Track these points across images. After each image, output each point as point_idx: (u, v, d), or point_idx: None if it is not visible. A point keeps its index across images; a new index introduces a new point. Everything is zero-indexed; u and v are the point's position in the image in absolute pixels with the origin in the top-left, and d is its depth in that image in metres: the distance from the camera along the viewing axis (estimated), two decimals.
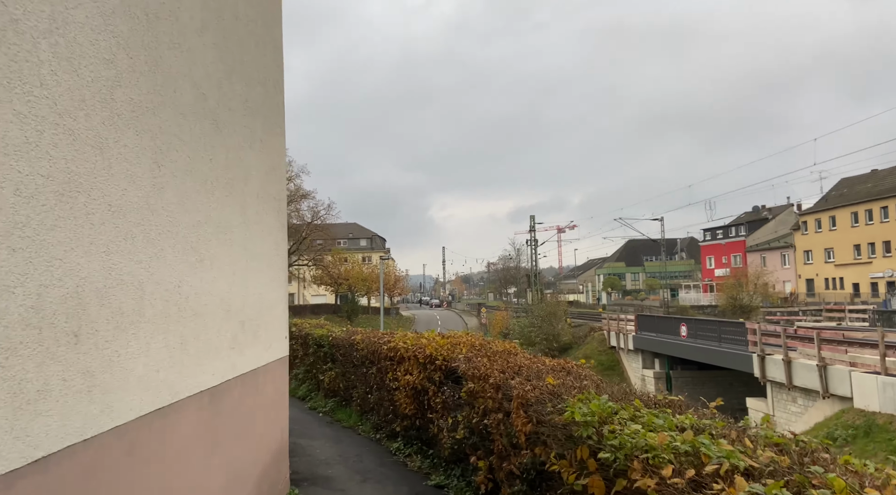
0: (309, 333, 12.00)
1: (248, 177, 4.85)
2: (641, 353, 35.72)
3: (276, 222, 5.91)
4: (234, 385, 4.41)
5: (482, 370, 5.60)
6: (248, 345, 4.74)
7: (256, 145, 5.13)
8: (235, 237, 4.48)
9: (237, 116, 4.56)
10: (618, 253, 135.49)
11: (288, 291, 6.21)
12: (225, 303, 4.20)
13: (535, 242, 61.12)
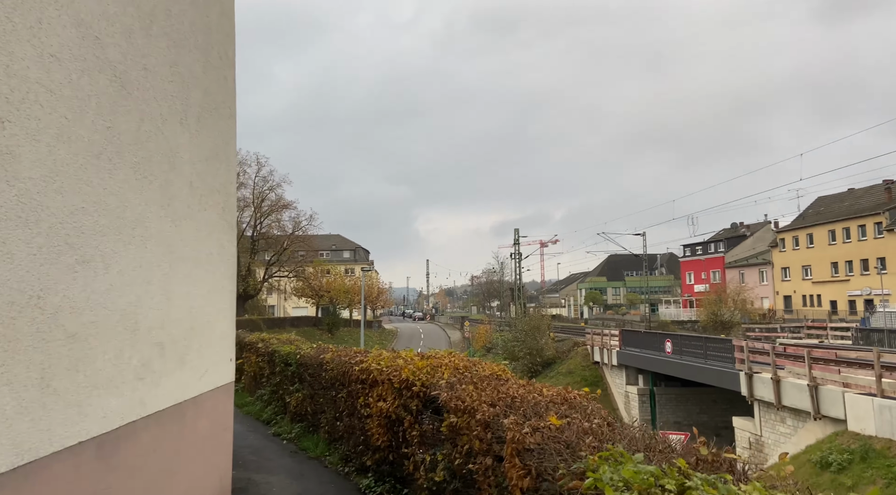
0: (276, 350, 10.91)
1: (174, 160, 3.84)
2: (625, 369, 34.95)
3: (221, 220, 4.90)
4: (144, 426, 3.38)
5: (467, 401, 4.62)
6: (167, 373, 3.71)
7: (190, 123, 4.13)
8: (151, 234, 3.47)
9: (157, 80, 3.56)
10: (599, 267, 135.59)
11: (235, 303, 5.18)
12: (129, 320, 3.18)
13: (519, 256, 60.40)
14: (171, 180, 3.78)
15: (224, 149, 4.94)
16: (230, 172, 5.10)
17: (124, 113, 3.17)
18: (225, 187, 4.97)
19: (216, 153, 4.71)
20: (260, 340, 12.10)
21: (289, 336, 12.59)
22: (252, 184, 59.84)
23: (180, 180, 3.94)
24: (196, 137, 4.24)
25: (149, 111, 3.46)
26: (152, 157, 3.51)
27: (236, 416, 11.50)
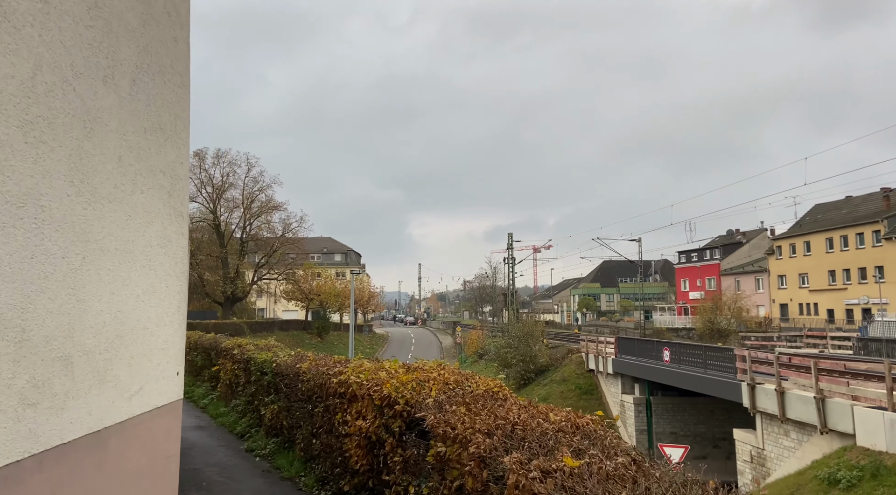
0: (251, 357, 10.09)
1: (93, 126, 3.05)
2: (621, 378, 34.21)
3: (166, 207, 4.10)
4: (36, 466, 2.57)
5: (458, 428, 3.83)
6: (78, 394, 2.91)
7: (120, 84, 3.34)
8: (51, 216, 2.67)
9: (65, 20, 2.77)
10: (593, 273, 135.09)
11: (185, 306, 4.38)
12: (10, 328, 2.38)
13: (512, 260, 59.67)
14: (86, 150, 2.98)
15: (172, 123, 4.14)
16: (180, 152, 4.30)
17: (8, 52, 2.38)
18: (172, 168, 4.17)
19: (160, 126, 3.91)
20: (236, 346, 11.27)
21: (267, 341, 11.76)
22: (242, 184, 58.98)
23: (102, 153, 3.15)
24: (129, 103, 3.45)
25: (50, 58, 2.67)
26: (55, 119, 2.72)
27: (208, 429, 10.67)
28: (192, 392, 13.85)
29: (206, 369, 13.55)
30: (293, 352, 9.60)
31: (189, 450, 8.87)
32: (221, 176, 58.30)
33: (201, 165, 57.64)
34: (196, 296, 61.42)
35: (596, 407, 38.74)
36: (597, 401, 36.40)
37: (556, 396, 37.31)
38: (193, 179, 57.72)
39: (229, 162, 58.51)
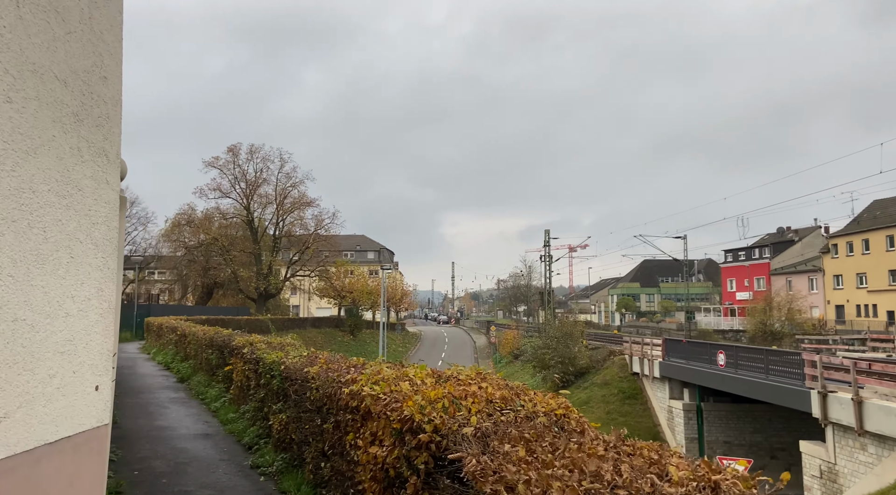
0: (260, 357, 8.75)
1: None
2: (669, 382, 32.08)
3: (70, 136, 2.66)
4: None
5: (520, 490, 2.29)
6: None
7: None
8: None
9: None
10: (632, 273, 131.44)
11: (112, 301, 2.95)
12: None
13: (549, 258, 57.69)
14: None
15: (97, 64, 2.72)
16: (111, 95, 2.89)
17: None
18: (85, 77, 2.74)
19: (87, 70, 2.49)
20: (248, 344, 9.97)
21: (283, 339, 10.44)
22: (275, 180, 58.51)
23: None
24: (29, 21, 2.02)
25: None
26: None
27: (214, 438, 9.36)
28: (205, 393, 12.66)
29: (220, 368, 12.33)
30: (306, 352, 8.20)
31: (186, 467, 7.57)
32: (255, 172, 57.98)
33: (235, 161, 57.43)
34: (229, 292, 61.29)
35: (640, 413, 36.67)
36: (641, 406, 34.35)
37: (598, 400, 35.38)
38: (227, 175, 57.55)
39: (262, 157, 58.15)
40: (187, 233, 58.01)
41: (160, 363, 19.92)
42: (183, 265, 60.69)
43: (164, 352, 21.19)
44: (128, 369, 18.15)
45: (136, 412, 11.03)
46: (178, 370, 16.74)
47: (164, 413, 10.98)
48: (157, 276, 73.28)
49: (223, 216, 58.31)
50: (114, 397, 12.53)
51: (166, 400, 12.44)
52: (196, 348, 15.41)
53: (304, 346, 9.76)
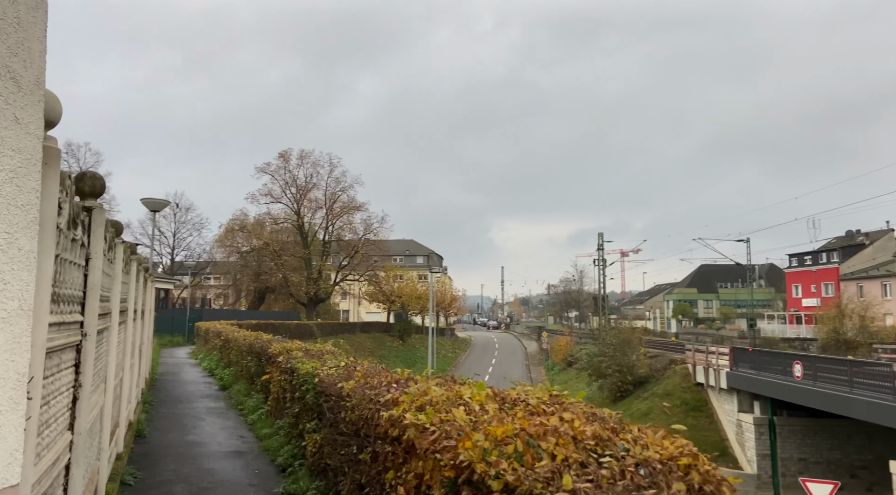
0: (294, 367, 7.83)
1: None
2: (737, 393, 29.87)
3: None
4: None
5: None
6: None
7: None
8: None
9: None
10: (689, 278, 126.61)
11: (30, 283, 1.94)
12: None
13: (603, 262, 55.59)
14: None
15: None
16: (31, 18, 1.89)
17: None
18: None
19: None
20: (284, 352, 9.11)
21: (323, 346, 9.53)
22: (325, 185, 58.63)
23: None
24: None
25: None
26: None
27: (247, 456, 8.47)
28: (244, 403, 11.91)
29: (259, 377, 11.55)
30: (344, 362, 7.22)
31: (211, 492, 6.68)
32: (305, 177, 58.30)
33: (286, 167, 57.87)
34: (280, 297, 61.77)
35: (706, 426, 34.42)
36: (707, 419, 32.17)
37: (659, 412, 33.36)
38: (278, 180, 58.02)
39: (312, 163, 58.41)
40: (240, 238, 58.80)
41: (205, 369, 19.51)
42: (236, 270, 61.58)
43: (210, 357, 20.81)
44: (172, 376, 17.76)
45: (170, 424, 10.34)
46: (220, 377, 16.19)
47: (198, 426, 10.25)
48: (213, 282, 74.81)
49: (274, 221, 58.85)
50: (149, 408, 11.92)
51: (203, 411, 11.76)
52: (237, 354, 14.79)
53: (345, 354, 8.80)
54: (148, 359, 14.54)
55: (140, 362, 11.20)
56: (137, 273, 9.94)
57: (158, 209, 17.09)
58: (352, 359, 7.41)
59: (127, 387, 8.52)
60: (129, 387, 8.61)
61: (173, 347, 32.73)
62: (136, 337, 10.48)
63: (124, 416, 7.66)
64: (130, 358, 8.87)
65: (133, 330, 9.46)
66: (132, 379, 8.95)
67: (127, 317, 7.86)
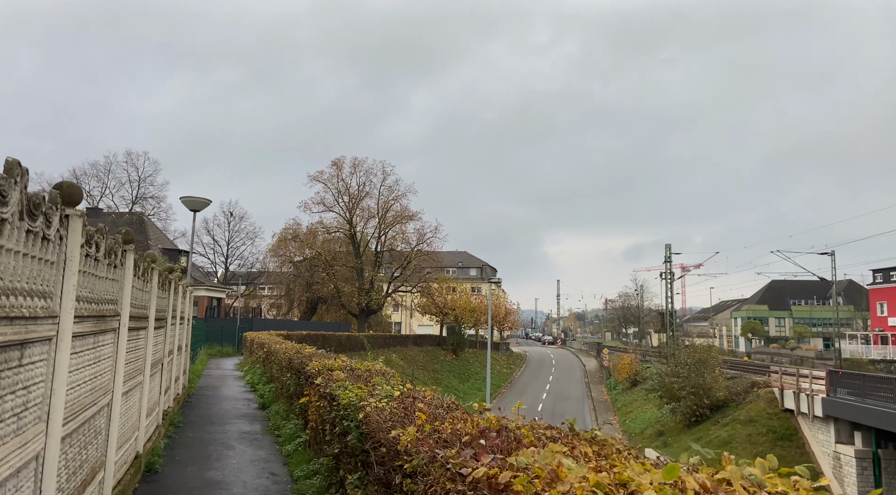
0: (334, 393, 5.99)
1: None
2: (834, 422, 26.44)
3: None
4: None
5: None
6: None
7: None
8: None
9: None
10: (759, 294, 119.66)
11: None
12: None
13: (671, 275, 52.13)
14: None
15: None
16: None
17: None
18: None
19: None
20: (324, 370, 7.30)
21: (372, 364, 7.68)
22: (377, 193, 57.58)
23: None
24: None
25: None
26: None
27: None
28: (281, 428, 10.20)
29: (297, 398, 9.82)
30: (399, 389, 5.32)
31: None
32: (358, 185, 57.42)
33: (339, 175, 57.18)
34: (332, 307, 60.89)
35: (796, 458, 30.80)
36: (797, 450, 28.69)
37: (742, 440, 30.10)
38: (331, 189, 57.38)
39: (365, 171, 57.51)
40: (293, 247, 58.37)
41: (248, 383, 18.07)
42: (289, 280, 61.17)
43: (254, 370, 19.41)
44: (211, 391, 16.35)
45: (193, 453, 8.70)
46: (261, 393, 14.64)
47: (224, 457, 8.56)
48: (267, 292, 74.98)
49: (326, 230, 58.14)
50: (174, 431, 10.36)
51: (235, 436, 10.10)
52: (278, 369, 13.19)
53: (399, 377, 6.92)
54: (180, 372, 13.11)
55: (164, 377, 9.66)
56: (163, 281, 8.40)
57: (198, 209, 15.84)
58: (409, 386, 5.50)
59: (135, 412, 6.89)
60: (136, 412, 6.99)
61: (222, 357, 31.81)
62: (159, 348, 8.91)
63: (120, 455, 5.98)
64: (141, 374, 7.25)
65: (152, 341, 7.85)
66: (143, 401, 7.33)
67: (154, 325, 6.31)
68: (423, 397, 5.13)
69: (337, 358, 9.23)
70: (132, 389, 6.59)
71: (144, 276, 7.59)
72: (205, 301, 45.86)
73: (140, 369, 7.09)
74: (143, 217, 49.30)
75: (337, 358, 9.23)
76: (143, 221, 48.12)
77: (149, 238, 45.03)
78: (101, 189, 62.78)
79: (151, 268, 8.14)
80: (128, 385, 6.21)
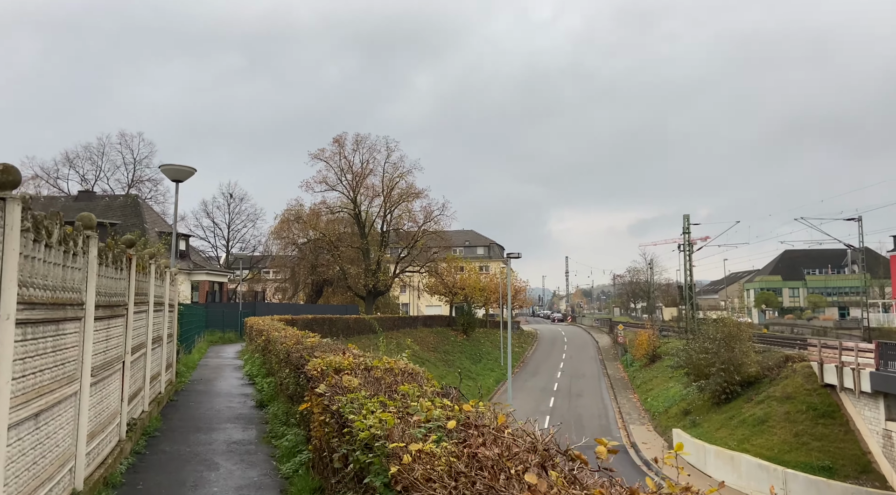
0: (343, 412, 3.92)
1: None
2: (885, 398, 24.45)
3: None
4: None
5: None
6: None
7: None
8: None
9: None
10: (771, 265, 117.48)
11: None
12: None
13: (689, 247, 49.92)
14: None
15: None
16: None
17: None
18: None
19: None
20: (329, 371, 5.25)
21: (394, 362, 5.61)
22: (381, 171, 55.25)
23: None
24: None
25: None
26: None
27: None
28: (280, 436, 8.20)
29: (298, 399, 7.82)
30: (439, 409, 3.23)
31: None
32: (361, 162, 55.07)
33: (341, 152, 54.83)
34: (338, 290, 59.01)
35: (840, 437, 28.79)
36: (840, 429, 26.78)
37: (779, 419, 28.20)
38: (333, 167, 55.10)
39: (368, 147, 55.12)
40: (296, 229, 56.32)
41: (246, 374, 16.13)
42: (293, 263, 59.25)
43: (253, 359, 17.46)
44: (204, 385, 14.39)
45: (163, 479, 6.71)
46: (260, 387, 12.68)
47: (203, 482, 6.57)
48: (272, 275, 73.14)
49: (330, 210, 55.99)
50: (148, 443, 8.15)
51: (223, 449, 8.11)
52: (276, 362, 11.20)
53: (435, 382, 4.88)
54: (161, 368, 11.12)
55: (128, 380, 7.65)
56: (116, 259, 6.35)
57: (181, 178, 13.75)
58: (466, 406, 3.42)
59: (63, 438, 4.86)
60: (67, 437, 4.96)
61: (224, 344, 29.98)
62: (117, 343, 6.88)
63: None
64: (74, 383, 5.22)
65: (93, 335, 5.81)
66: (80, 420, 5.31)
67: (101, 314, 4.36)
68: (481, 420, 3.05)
69: (346, 351, 7.16)
70: (52, 407, 4.55)
71: (104, 261, 5.56)
72: (206, 285, 43.99)
73: (72, 376, 5.05)
74: (137, 200, 47.26)
75: (346, 351, 7.16)
76: (139, 204, 46.08)
77: (144, 221, 43.02)
78: (95, 172, 60.73)
79: (120, 255, 6.09)
80: (37, 404, 4.17)
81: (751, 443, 27.58)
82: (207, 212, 62.42)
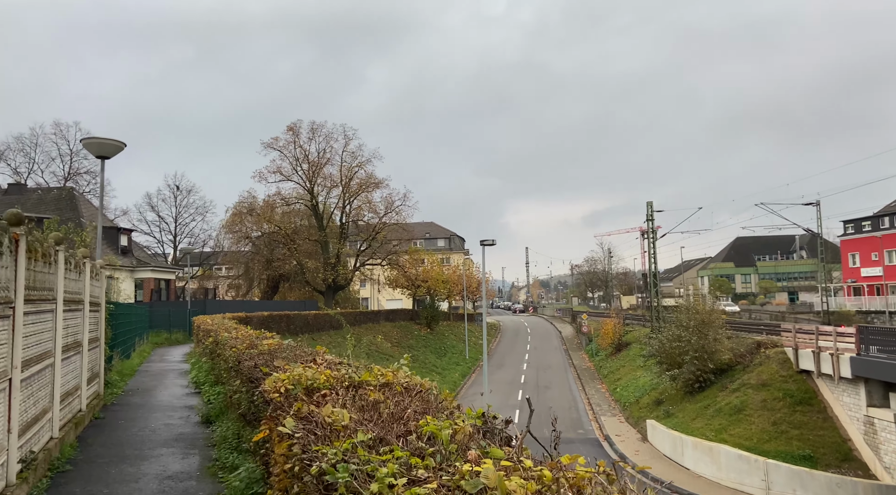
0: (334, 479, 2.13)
1: None
2: (865, 383, 24.00)
3: None
4: None
5: None
6: None
7: None
8: None
9: None
10: (724, 252, 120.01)
11: None
12: None
13: (653, 234, 49.52)
14: None
15: None
16: None
17: None
18: None
19: None
20: (297, 391, 3.49)
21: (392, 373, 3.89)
22: (339, 160, 52.87)
23: None
24: None
25: None
26: None
27: None
28: (229, 465, 6.33)
29: (253, 423, 5.97)
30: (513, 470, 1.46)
31: None
32: (318, 151, 52.53)
33: (296, 141, 52.15)
34: (296, 285, 56.42)
35: (818, 425, 28.35)
36: (819, 416, 26.32)
37: (756, 407, 27.60)
38: (288, 157, 52.42)
39: (325, 136, 52.63)
40: (249, 222, 53.43)
41: (193, 381, 14.03)
42: (247, 258, 56.33)
43: (201, 364, 15.36)
44: (141, 396, 12.27)
45: None
46: (207, 398, 10.71)
47: None
48: (225, 272, 69.74)
49: (285, 202, 53.33)
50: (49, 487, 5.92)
51: (154, 486, 6.20)
52: (226, 370, 9.29)
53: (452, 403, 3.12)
54: (81, 380, 9.04)
55: (16, 405, 5.68)
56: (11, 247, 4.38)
57: (107, 155, 11.59)
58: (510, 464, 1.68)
59: None
60: None
61: (170, 346, 27.47)
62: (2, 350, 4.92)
63: None
64: None
65: None
66: None
67: None
68: None
69: (317, 358, 5.35)
70: None
71: None
72: (151, 283, 40.95)
73: None
74: (73, 192, 43.67)
75: (317, 358, 5.35)
76: (74, 197, 42.56)
77: (81, 215, 39.65)
78: (28, 165, 56.43)
79: None
80: None
81: (728, 433, 26.88)
82: (152, 205, 58.88)
